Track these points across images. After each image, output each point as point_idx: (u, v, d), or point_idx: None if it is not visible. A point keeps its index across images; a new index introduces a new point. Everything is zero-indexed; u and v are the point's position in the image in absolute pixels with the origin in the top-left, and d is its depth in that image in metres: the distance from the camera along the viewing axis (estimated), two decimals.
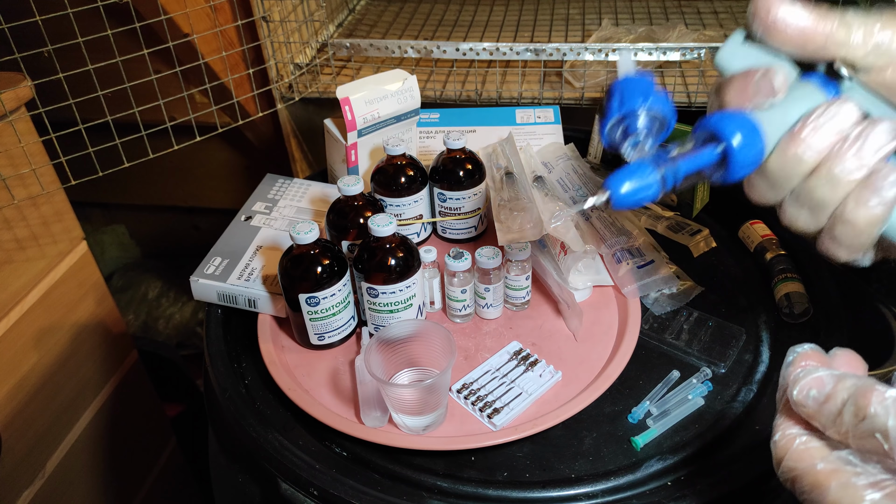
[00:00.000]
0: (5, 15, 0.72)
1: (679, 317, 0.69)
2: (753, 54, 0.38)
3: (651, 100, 0.38)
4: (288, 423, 0.60)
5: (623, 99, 0.39)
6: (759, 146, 0.35)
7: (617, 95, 0.39)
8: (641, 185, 0.36)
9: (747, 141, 0.35)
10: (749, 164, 0.36)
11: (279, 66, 1.07)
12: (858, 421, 0.29)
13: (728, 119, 0.36)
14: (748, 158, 0.35)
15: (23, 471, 0.91)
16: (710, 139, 0.36)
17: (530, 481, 0.55)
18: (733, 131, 0.35)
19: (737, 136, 0.35)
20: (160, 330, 1.54)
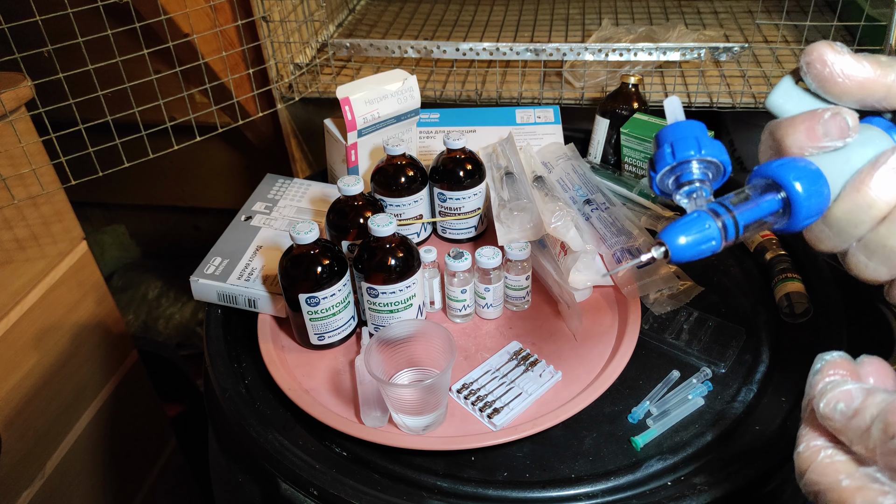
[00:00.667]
0: (5, 15, 0.72)
1: (679, 317, 0.69)
2: (808, 99, 0.37)
3: (705, 148, 0.36)
4: (288, 423, 0.60)
5: (675, 147, 0.36)
6: (825, 193, 0.33)
7: (667, 143, 0.37)
8: (700, 238, 0.34)
9: (812, 188, 0.33)
10: (814, 212, 0.34)
11: (279, 66, 1.07)
12: (888, 438, 0.28)
13: (789, 166, 0.34)
14: (813, 207, 0.33)
15: (23, 471, 0.91)
16: (771, 187, 0.34)
17: (530, 481, 0.55)
18: (796, 178, 0.33)
19: (800, 183, 0.33)
20: (160, 330, 1.54)
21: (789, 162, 0.34)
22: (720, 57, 1.02)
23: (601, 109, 0.88)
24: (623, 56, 1.01)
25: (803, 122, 0.34)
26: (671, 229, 0.34)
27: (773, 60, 1.03)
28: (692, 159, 0.36)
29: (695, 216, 0.34)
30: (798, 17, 1.16)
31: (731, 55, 1.01)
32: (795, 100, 0.37)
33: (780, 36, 1.13)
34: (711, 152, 0.36)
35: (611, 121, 0.87)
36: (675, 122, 0.37)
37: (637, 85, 0.87)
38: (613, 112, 0.87)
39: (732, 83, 1.00)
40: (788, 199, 0.34)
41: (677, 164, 0.36)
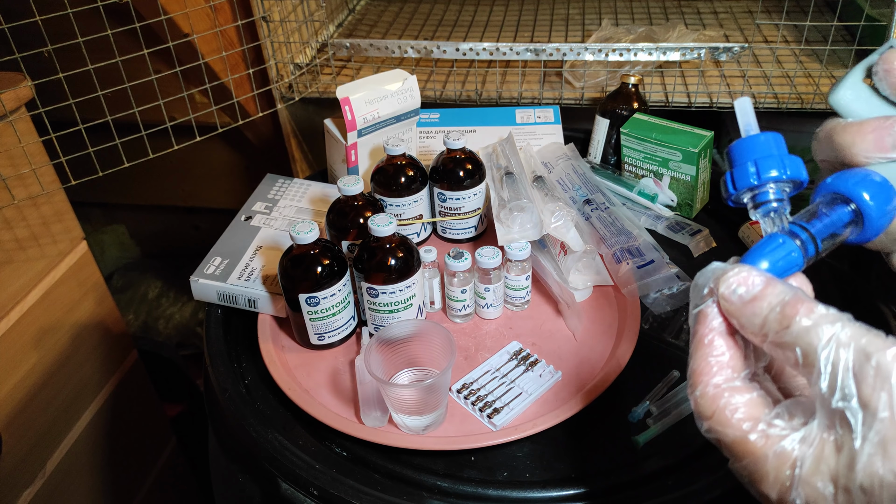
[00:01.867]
0: (5, 15, 0.72)
1: (679, 317, 0.69)
2: (877, 101, 0.36)
3: (790, 168, 0.35)
4: (288, 423, 0.60)
5: (759, 167, 0.35)
6: (893, 202, 0.34)
7: (750, 162, 0.35)
8: (782, 255, 0.33)
9: (882, 200, 0.34)
10: (885, 223, 0.34)
11: (279, 66, 1.07)
12: (782, 328, 0.28)
13: (858, 179, 0.34)
14: (884, 218, 0.34)
15: (23, 471, 0.91)
16: (840, 200, 0.35)
17: (530, 481, 0.55)
18: (866, 190, 0.34)
19: (869, 194, 0.34)
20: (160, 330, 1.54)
21: (853, 175, 0.34)
22: (720, 57, 1.02)
23: (601, 109, 0.88)
24: (623, 56, 1.01)
25: (872, 132, 0.34)
26: (753, 256, 0.33)
27: (773, 60, 1.03)
28: (774, 181, 0.35)
29: (779, 242, 0.33)
30: (798, 17, 1.16)
31: (731, 55, 1.01)
32: (864, 101, 0.36)
33: (780, 36, 1.13)
34: (795, 172, 0.35)
35: (611, 121, 0.87)
36: (752, 134, 0.36)
37: (637, 85, 0.87)
38: (613, 112, 0.87)
39: (732, 83, 1.00)
40: (860, 211, 0.34)
41: (759, 185, 0.35)
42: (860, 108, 0.36)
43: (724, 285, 0.31)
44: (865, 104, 0.36)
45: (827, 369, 0.27)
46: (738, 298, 0.30)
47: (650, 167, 0.82)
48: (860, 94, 0.36)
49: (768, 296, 0.30)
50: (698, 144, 0.77)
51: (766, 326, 0.29)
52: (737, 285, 0.31)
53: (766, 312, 0.29)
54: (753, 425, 0.29)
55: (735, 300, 0.30)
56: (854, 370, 0.26)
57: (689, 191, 0.81)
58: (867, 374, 0.26)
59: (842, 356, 0.26)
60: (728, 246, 0.79)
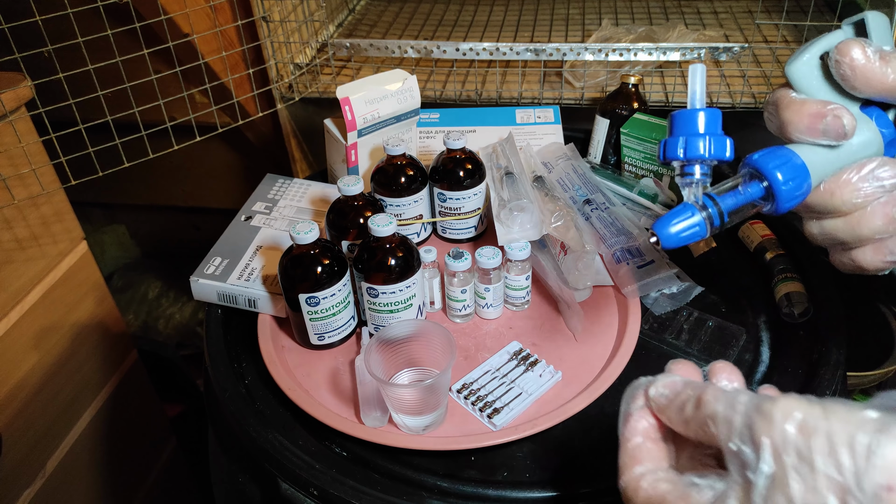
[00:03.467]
0: (5, 15, 0.72)
1: (679, 317, 0.69)
2: (824, 85, 0.39)
3: (715, 149, 0.39)
4: (288, 423, 0.60)
5: (687, 146, 0.39)
6: (804, 185, 0.38)
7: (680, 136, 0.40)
8: (687, 226, 0.38)
9: (791, 179, 0.37)
10: (793, 199, 0.38)
11: (279, 66, 1.07)
12: (695, 409, 0.33)
13: (772, 156, 0.38)
14: (792, 194, 0.38)
15: (23, 471, 0.91)
16: (756, 176, 0.39)
17: (530, 481, 0.55)
18: (777, 168, 0.38)
19: (780, 173, 0.37)
20: (160, 330, 1.54)
21: (773, 152, 0.38)
22: (720, 57, 1.02)
23: (601, 109, 0.88)
24: (623, 56, 1.01)
25: (808, 116, 0.38)
26: (662, 221, 0.39)
27: (773, 60, 1.03)
28: (697, 160, 0.39)
29: (688, 214, 0.38)
30: (798, 17, 1.16)
31: (731, 55, 1.01)
32: (815, 79, 0.39)
33: (780, 36, 1.13)
34: (718, 152, 0.39)
35: (611, 121, 0.87)
36: (692, 110, 0.39)
37: (637, 85, 0.87)
38: (613, 112, 0.87)
39: (732, 83, 1.00)
40: (771, 189, 0.38)
41: (686, 161, 0.39)
42: (810, 85, 0.39)
43: (653, 389, 0.37)
44: (816, 83, 0.39)
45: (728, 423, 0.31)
46: (665, 398, 0.36)
47: (650, 167, 0.82)
48: (814, 70, 0.39)
49: (687, 389, 0.35)
50: None
51: (686, 412, 0.34)
52: (663, 388, 0.36)
53: (685, 401, 0.34)
54: (673, 488, 0.33)
55: (663, 400, 0.36)
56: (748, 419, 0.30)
57: None
58: (755, 421, 0.29)
59: (739, 410, 0.31)
60: (728, 246, 0.79)
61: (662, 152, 0.40)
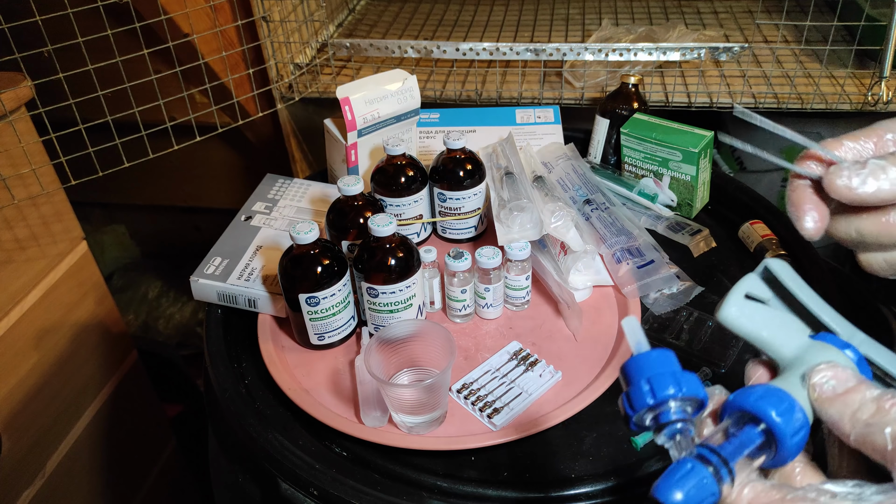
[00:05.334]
0: (5, 15, 0.72)
1: (679, 317, 0.69)
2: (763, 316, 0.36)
3: (685, 385, 0.33)
4: (288, 423, 0.60)
5: (654, 386, 0.33)
6: (807, 426, 0.33)
7: (643, 379, 0.34)
8: (700, 493, 0.31)
9: (799, 431, 0.32)
10: (798, 451, 0.33)
11: (279, 66, 1.07)
12: (874, 414, 0.30)
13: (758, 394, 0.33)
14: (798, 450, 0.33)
15: (23, 471, 0.91)
16: (746, 419, 0.33)
17: (530, 481, 0.55)
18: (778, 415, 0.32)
19: (783, 420, 0.32)
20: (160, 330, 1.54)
21: (767, 393, 0.33)
22: (720, 57, 1.02)
23: (601, 109, 0.88)
24: (623, 56, 1.01)
25: None
26: (666, 486, 0.32)
27: (773, 60, 1.03)
28: (671, 399, 0.33)
29: (689, 468, 0.31)
30: (798, 17, 1.16)
31: (731, 55, 1.01)
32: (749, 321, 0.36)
33: (780, 36, 1.13)
34: (691, 390, 0.33)
35: (611, 121, 0.87)
36: (643, 352, 0.34)
37: (637, 85, 0.87)
38: (613, 112, 0.87)
39: (732, 83, 1.00)
40: (770, 431, 0.32)
41: (656, 406, 0.33)
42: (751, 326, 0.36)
43: (818, 375, 0.32)
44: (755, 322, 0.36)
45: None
46: (832, 389, 0.32)
47: (650, 167, 0.82)
48: (744, 311, 0.36)
49: (863, 389, 0.31)
50: (698, 144, 0.77)
51: (862, 415, 0.30)
52: (831, 377, 0.32)
53: (862, 403, 0.31)
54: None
55: (829, 391, 0.32)
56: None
57: (689, 191, 0.81)
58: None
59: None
60: (728, 246, 0.79)
61: (628, 407, 0.34)
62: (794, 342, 0.36)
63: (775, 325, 0.36)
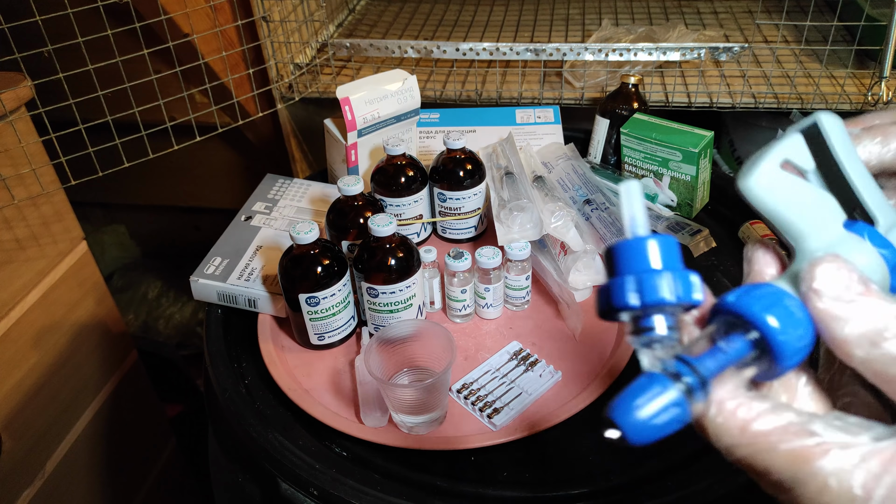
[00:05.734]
0: (5, 15, 0.72)
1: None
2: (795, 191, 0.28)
3: (680, 288, 0.26)
4: (288, 423, 0.60)
5: (643, 287, 0.26)
6: (809, 337, 0.26)
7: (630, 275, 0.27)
8: (665, 417, 0.26)
9: (793, 329, 0.26)
10: (797, 354, 0.26)
11: (279, 66, 1.07)
12: None
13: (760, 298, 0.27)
14: (796, 351, 0.26)
15: (23, 471, 0.91)
16: (739, 325, 0.27)
17: (530, 481, 0.55)
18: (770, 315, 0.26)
19: (777, 321, 0.26)
20: (160, 330, 1.54)
21: (757, 291, 0.27)
22: (720, 57, 1.02)
23: (601, 109, 0.88)
24: (623, 56, 1.01)
25: None
26: (625, 406, 0.27)
27: (773, 60, 1.03)
28: (664, 307, 0.27)
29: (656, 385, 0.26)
30: (798, 17, 1.16)
31: (731, 55, 1.01)
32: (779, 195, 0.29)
33: (780, 36, 1.13)
34: (686, 294, 0.26)
35: (611, 121, 0.87)
36: (640, 237, 0.27)
37: (637, 85, 0.87)
38: (613, 112, 0.87)
39: (732, 83, 1.00)
40: (765, 340, 0.26)
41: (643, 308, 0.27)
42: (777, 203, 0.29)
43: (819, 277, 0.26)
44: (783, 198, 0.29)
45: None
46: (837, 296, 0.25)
47: (650, 167, 0.82)
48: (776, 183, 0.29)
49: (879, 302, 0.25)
50: (698, 144, 0.77)
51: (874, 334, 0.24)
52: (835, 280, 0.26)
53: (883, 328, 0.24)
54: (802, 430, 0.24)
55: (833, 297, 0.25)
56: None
57: (689, 191, 0.81)
58: None
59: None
60: (728, 246, 0.79)
61: (605, 300, 0.27)
62: (825, 231, 0.29)
63: (808, 205, 0.29)
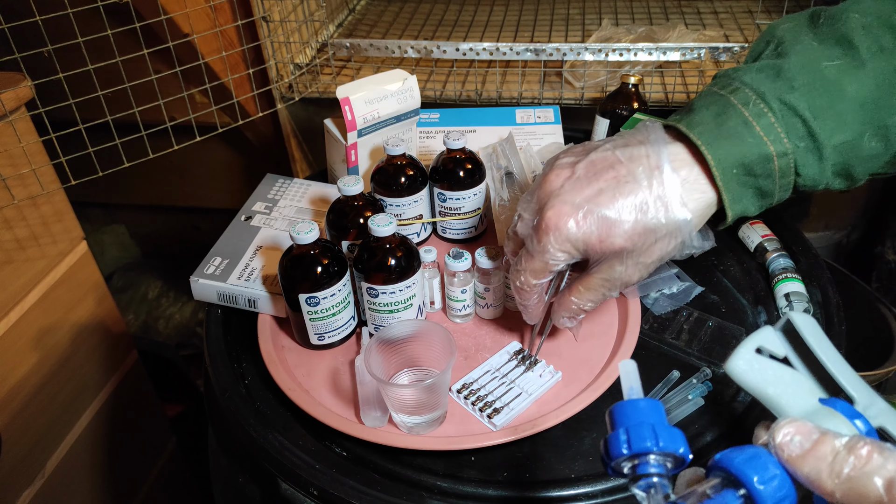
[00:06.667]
0: (5, 15, 0.72)
1: (679, 317, 0.69)
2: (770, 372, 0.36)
3: (663, 440, 0.33)
4: (288, 423, 0.60)
5: (631, 436, 0.33)
6: (792, 496, 0.31)
7: (622, 428, 0.33)
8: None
9: (778, 492, 0.31)
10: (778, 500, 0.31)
11: (279, 66, 1.07)
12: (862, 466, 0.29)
13: (754, 463, 0.32)
14: (773, 495, 0.31)
15: (23, 471, 0.91)
16: (731, 482, 0.32)
17: (530, 481, 0.55)
18: (761, 481, 0.31)
19: (765, 486, 0.31)
20: (160, 330, 1.54)
21: (752, 456, 0.32)
22: (720, 57, 1.02)
23: (601, 109, 0.88)
24: (623, 56, 1.01)
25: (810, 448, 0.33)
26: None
27: None
28: (649, 452, 0.33)
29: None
30: None
31: (731, 55, 1.01)
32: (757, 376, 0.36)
33: None
34: (669, 445, 0.32)
35: (611, 121, 0.87)
36: (631, 400, 0.35)
37: (637, 85, 0.87)
38: (613, 112, 0.87)
39: None
40: (752, 498, 0.31)
41: (633, 455, 0.33)
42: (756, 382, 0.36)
43: (780, 434, 0.32)
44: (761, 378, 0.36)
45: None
46: (799, 445, 0.31)
47: None
48: (753, 366, 0.36)
49: (831, 439, 0.30)
50: None
51: (839, 466, 0.29)
52: (794, 432, 0.31)
53: (833, 453, 0.30)
54: None
55: (797, 448, 0.31)
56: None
57: None
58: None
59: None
60: (728, 246, 0.79)
61: (605, 453, 0.34)
62: (802, 404, 0.35)
63: (784, 383, 0.36)
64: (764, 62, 0.52)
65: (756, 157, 0.49)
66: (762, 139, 0.49)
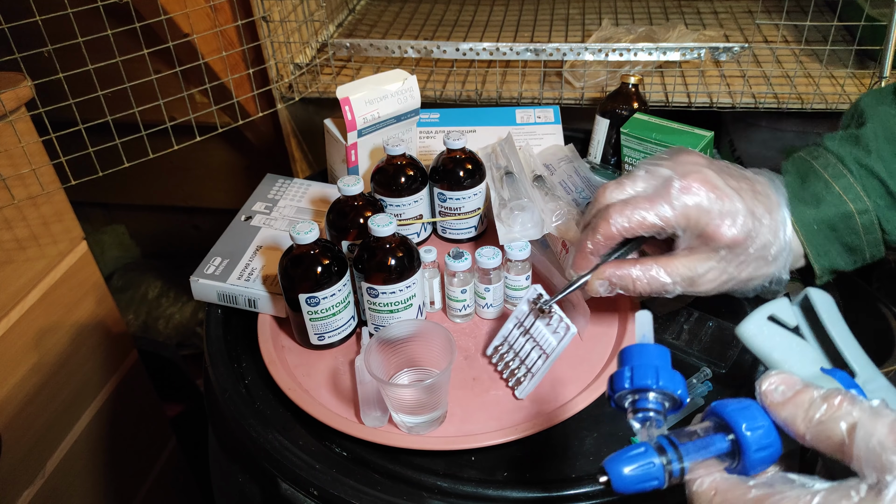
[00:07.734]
0: (5, 15, 0.72)
1: (679, 317, 0.69)
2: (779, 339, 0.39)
3: (663, 380, 0.36)
4: (288, 423, 0.60)
5: (634, 373, 0.36)
6: (775, 452, 0.34)
7: (628, 366, 0.37)
8: (644, 474, 0.33)
9: (766, 448, 0.34)
10: (762, 465, 0.34)
11: (279, 66, 1.07)
12: (828, 412, 0.32)
13: (747, 415, 0.34)
14: (761, 462, 0.34)
15: (23, 471, 0.91)
16: (722, 427, 0.35)
17: (530, 481, 0.55)
18: (749, 429, 0.34)
19: (753, 434, 0.34)
20: (160, 330, 1.54)
21: (747, 409, 0.35)
22: (720, 57, 1.02)
23: (601, 109, 0.88)
24: (623, 56, 1.01)
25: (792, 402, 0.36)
26: (616, 460, 0.34)
27: (773, 60, 1.03)
28: (649, 389, 0.36)
29: (641, 451, 0.34)
30: (798, 17, 1.16)
31: (731, 55, 1.01)
32: (765, 340, 0.40)
33: (780, 36, 1.13)
34: (668, 385, 0.36)
35: (611, 121, 0.87)
36: (641, 343, 0.38)
37: (637, 85, 0.87)
38: (613, 112, 0.87)
39: (732, 83, 1.00)
40: (739, 446, 0.34)
41: (634, 390, 0.36)
42: (762, 345, 0.40)
43: (766, 383, 0.35)
44: (768, 342, 0.40)
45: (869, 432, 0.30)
46: (781, 394, 0.34)
47: None
48: (763, 331, 0.40)
49: (810, 390, 0.33)
50: (698, 144, 0.77)
51: (812, 413, 0.32)
52: (779, 382, 0.34)
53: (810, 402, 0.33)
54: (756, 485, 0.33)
55: (779, 396, 0.34)
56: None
57: None
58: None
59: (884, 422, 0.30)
60: None
61: (610, 387, 0.38)
62: (804, 371, 0.38)
63: (790, 350, 0.38)
64: (847, 132, 0.58)
65: (836, 214, 0.56)
66: (841, 197, 0.55)
